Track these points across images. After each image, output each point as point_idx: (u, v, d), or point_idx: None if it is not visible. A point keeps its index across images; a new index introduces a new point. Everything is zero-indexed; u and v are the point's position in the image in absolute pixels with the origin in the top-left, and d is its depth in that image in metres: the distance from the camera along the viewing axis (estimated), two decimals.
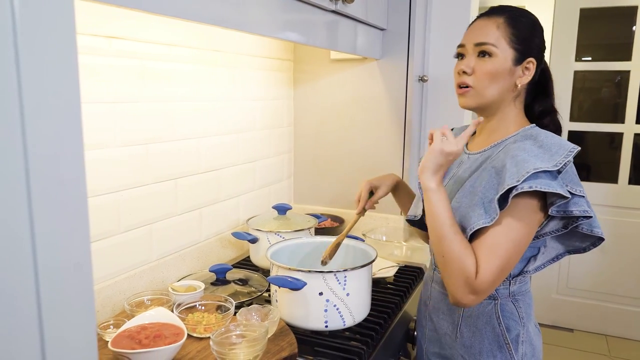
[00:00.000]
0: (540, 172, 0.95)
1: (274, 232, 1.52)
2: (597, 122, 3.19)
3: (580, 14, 3.08)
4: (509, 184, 0.96)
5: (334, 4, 1.37)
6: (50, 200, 0.53)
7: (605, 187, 3.14)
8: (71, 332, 0.57)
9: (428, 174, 1.03)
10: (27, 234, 0.51)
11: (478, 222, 0.99)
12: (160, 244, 1.41)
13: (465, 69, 1.09)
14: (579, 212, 0.99)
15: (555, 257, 1.13)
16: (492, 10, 1.10)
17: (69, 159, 0.55)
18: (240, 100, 1.70)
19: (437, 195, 1.02)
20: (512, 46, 1.06)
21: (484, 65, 1.07)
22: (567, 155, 0.97)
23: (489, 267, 0.97)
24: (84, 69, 1.13)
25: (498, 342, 1.11)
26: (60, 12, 0.53)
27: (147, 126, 1.32)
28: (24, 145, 0.50)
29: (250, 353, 0.98)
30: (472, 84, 1.08)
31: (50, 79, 0.52)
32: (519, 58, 1.07)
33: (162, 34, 1.34)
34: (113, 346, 0.94)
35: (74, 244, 0.56)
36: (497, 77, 1.06)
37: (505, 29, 1.06)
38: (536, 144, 1.01)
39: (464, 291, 0.98)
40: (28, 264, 0.52)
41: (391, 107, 1.86)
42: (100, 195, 1.20)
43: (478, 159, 1.12)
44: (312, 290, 1.13)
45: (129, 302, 1.16)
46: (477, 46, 1.08)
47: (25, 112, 0.50)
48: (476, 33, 1.09)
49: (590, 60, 3.19)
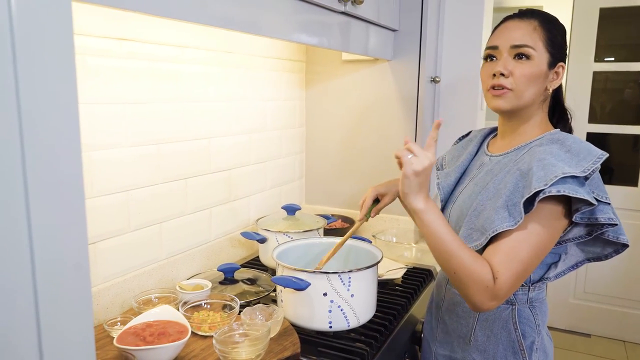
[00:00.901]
0: (567, 177, 0.93)
1: (283, 233, 1.53)
2: (619, 124, 3.13)
3: (600, 13, 3.02)
4: (536, 187, 0.94)
5: (344, 5, 1.37)
6: (47, 200, 0.55)
7: (626, 191, 3.08)
8: (69, 329, 0.59)
9: (411, 197, 0.97)
10: (25, 234, 0.53)
11: (502, 224, 0.97)
12: (170, 242, 1.43)
13: (502, 70, 1.05)
14: (604, 220, 0.97)
15: (575, 264, 1.11)
16: (524, 13, 1.09)
17: (67, 159, 0.56)
18: (252, 101, 1.71)
19: (428, 214, 0.97)
20: (547, 50, 1.05)
21: (523, 67, 1.05)
22: (595, 162, 0.96)
23: (509, 271, 0.95)
24: (95, 70, 1.16)
25: (513, 348, 1.10)
26: (57, 13, 0.54)
27: (159, 127, 1.35)
28: (21, 146, 0.52)
29: (252, 352, 0.99)
30: (511, 86, 1.06)
31: (47, 80, 0.54)
32: (552, 62, 1.06)
33: (173, 35, 1.36)
34: (118, 343, 0.96)
35: (71, 244, 0.58)
36: (535, 80, 1.05)
37: (541, 32, 1.05)
38: (563, 148, 1.00)
39: (484, 298, 0.96)
40: (26, 263, 0.53)
41: (403, 108, 1.86)
42: (111, 194, 1.22)
43: (501, 161, 1.11)
44: (316, 290, 1.13)
45: (137, 300, 1.19)
46: (514, 48, 1.05)
47: (22, 113, 0.51)
48: (511, 35, 1.06)
49: (613, 60, 3.13)
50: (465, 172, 1.22)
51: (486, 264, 0.96)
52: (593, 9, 3.02)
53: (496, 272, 0.95)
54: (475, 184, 1.13)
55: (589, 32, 3.04)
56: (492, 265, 0.96)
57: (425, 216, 0.97)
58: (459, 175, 1.22)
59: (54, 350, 0.56)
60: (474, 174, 1.17)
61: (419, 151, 0.97)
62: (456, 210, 1.15)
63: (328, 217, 1.71)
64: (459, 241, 0.98)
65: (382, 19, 1.66)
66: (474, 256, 0.97)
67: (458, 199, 1.16)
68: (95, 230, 1.19)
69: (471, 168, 1.21)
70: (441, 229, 0.97)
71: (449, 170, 1.23)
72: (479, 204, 1.06)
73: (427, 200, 0.98)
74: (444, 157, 1.33)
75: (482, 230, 1.02)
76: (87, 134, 1.15)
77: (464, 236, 1.07)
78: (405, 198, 0.99)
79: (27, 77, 0.51)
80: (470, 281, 0.95)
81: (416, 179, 0.96)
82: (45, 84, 0.53)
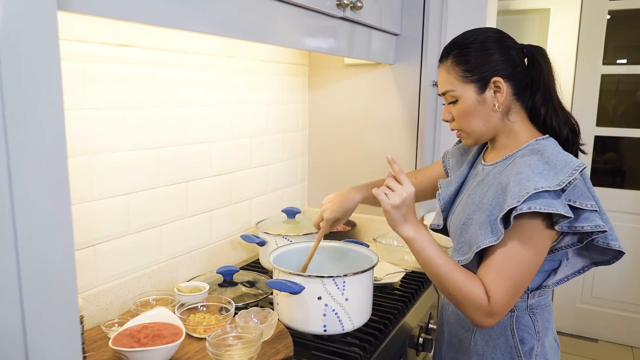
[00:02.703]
0: (541, 192, 0.94)
1: (282, 236, 1.54)
2: (631, 127, 3.09)
3: (610, 15, 2.99)
4: (510, 204, 0.95)
5: (342, 11, 1.38)
6: (33, 203, 0.56)
7: (637, 194, 3.03)
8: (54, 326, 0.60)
9: (398, 229, 1.04)
10: (11, 236, 0.54)
11: (485, 240, 1.00)
12: (171, 245, 1.45)
13: (445, 118, 1.14)
14: (590, 228, 0.97)
15: (582, 269, 1.12)
16: (443, 55, 1.12)
17: (53, 164, 0.58)
18: (254, 105, 1.73)
19: (418, 241, 1.03)
20: (467, 82, 1.06)
21: (456, 109, 1.10)
22: (571, 174, 0.96)
23: (500, 289, 0.98)
24: (96, 76, 1.18)
25: (510, 354, 1.11)
26: (42, 21, 0.56)
27: (159, 131, 1.37)
28: (7, 151, 0.53)
29: (244, 355, 1.00)
30: (458, 127, 1.12)
31: (32, 85, 0.55)
32: (480, 87, 1.06)
33: (174, 41, 1.38)
34: (113, 344, 0.98)
35: (56, 246, 0.59)
36: (472, 113, 1.08)
37: (454, 70, 1.08)
38: (542, 159, 1.00)
39: (481, 317, 0.99)
40: (11, 263, 0.55)
41: (404, 112, 1.86)
42: (112, 198, 1.25)
43: (491, 172, 1.12)
44: (310, 294, 1.14)
45: (135, 302, 1.21)
46: (442, 96, 1.13)
47: (7, 117, 0.53)
48: (439, 84, 1.13)
49: (625, 63, 3.09)
50: (464, 182, 1.23)
51: (479, 284, 0.99)
52: (601, 11, 3.00)
53: (489, 291, 0.98)
54: (469, 195, 1.15)
55: (597, 35, 3.02)
56: (485, 284, 0.99)
57: (415, 244, 1.03)
58: (459, 185, 1.23)
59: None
60: (469, 185, 1.18)
61: (395, 186, 1.03)
62: (454, 221, 1.17)
63: None
64: (452, 263, 1.01)
65: (384, 24, 1.67)
66: (467, 277, 1.00)
67: (456, 210, 1.17)
68: (96, 233, 1.22)
69: (469, 177, 1.22)
70: (433, 254, 1.01)
71: (450, 180, 1.25)
72: (467, 218, 1.08)
73: (416, 227, 1.03)
74: (449, 160, 1.34)
75: (469, 245, 1.04)
76: (88, 139, 1.18)
77: (456, 249, 1.09)
78: (394, 230, 1.05)
79: (12, 83, 0.53)
80: (465, 302, 0.99)
81: (397, 212, 1.02)
82: (31, 90, 0.55)
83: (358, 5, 1.40)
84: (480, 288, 0.98)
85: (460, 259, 1.06)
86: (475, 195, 1.11)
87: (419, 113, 1.84)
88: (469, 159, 1.24)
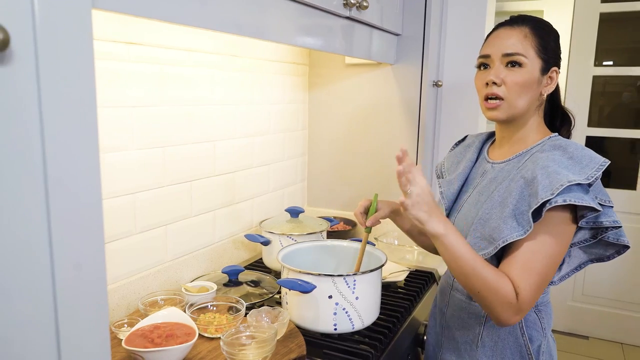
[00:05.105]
0: (572, 185, 0.94)
1: (286, 235, 1.54)
2: (617, 128, 3.15)
3: (600, 18, 3.04)
4: (543, 197, 0.95)
5: (349, 10, 1.39)
6: (66, 205, 0.56)
7: (624, 194, 3.10)
8: (85, 329, 0.60)
9: (427, 225, 0.97)
10: (45, 236, 0.54)
11: (512, 234, 0.98)
12: (175, 245, 1.44)
13: (495, 79, 1.06)
14: (609, 223, 0.99)
15: (579, 266, 1.12)
16: (515, 20, 1.09)
17: (85, 164, 0.58)
18: (256, 104, 1.73)
19: (449, 236, 0.97)
20: (539, 56, 1.05)
21: (515, 75, 1.05)
22: (598, 169, 0.97)
23: (529, 285, 0.96)
24: (103, 74, 1.17)
25: (520, 352, 1.11)
26: (78, 24, 0.56)
27: (165, 130, 1.36)
28: (42, 151, 0.53)
29: (259, 354, 1.00)
30: (503, 95, 1.06)
31: (68, 88, 0.55)
32: (545, 68, 1.07)
33: (179, 39, 1.37)
34: (127, 345, 0.97)
35: (85, 246, 0.59)
36: (528, 87, 1.05)
37: (532, 39, 1.05)
38: (565, 155, 1.01)
39: (509, 314, 0.97)
40: (43, 263, 0.54)
41: (405, 112, 1.87)
42: (117, 197, 1.23)
43: (504, 169, 1.12)
44: (321, 293, 1.14)
45: (143, 302, 1.19)
46: (505, 56, 1.06)
47: (44, 121, 0.52)
48: (503, 43, 1.06)
49: (612, 65, 3.15)
50: (467, 180, 1.22)
51: (508, 280, 0.97)
52: (593, 13, 3.05)
53: (517, 287, 0.96)
54: (480, 192, 1.14)
55: (589, 37, 3.06)
56: (512, 280, 0.97)
57: (446, 240, 0.97)
58: (462, 183, 1.22)
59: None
60: (477, 182, 1.18)
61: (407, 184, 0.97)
62: (461, 219, 1.16)
63: (331, 220, 1.72)
64: (481, 260, 0.98)
65: (385, 24, 1.67)
66: (496, 274, 0.97)
67: (463, 208, 1.17)
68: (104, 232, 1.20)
69: (473, 176, 1.21)
70: (463, 250, 0.97)
71: (450, 179, 1.23)
72: (485, 213, 1.06)
73: (445, 222, 0.98)
74: (443, 164, 1.33)
75: (490, 240, 1.03)
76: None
77: (471, 245, 1.06)
78: (424, 225, 0.97)
79: (49, 88, 0.53)
80: (495, 300, 0.96)
81: (419, 210, 0.96)
82: (66, 94, 0.54)
83: (364, 4, 1.40)
84: (509, 284, 0.96)
85: None
86: (487, 192, 1.11)
87: (419, 113, 1.85)
88: (468, 157, 1.24)
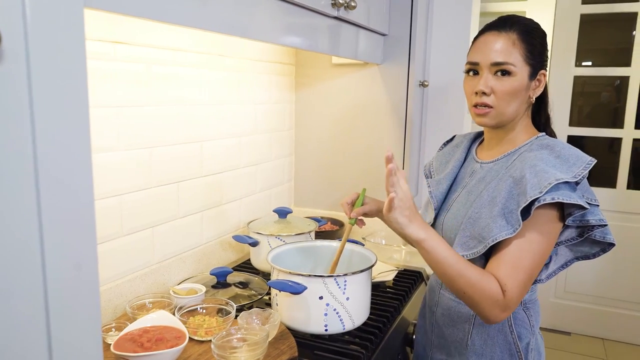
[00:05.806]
0: (560, 183, 0.96)
1: (275, 236, 1.53)
2: (596, 127, 3.21)
3: (581, 19, 3.09)
4: (532, 195, 0.96)
5: (337, 10, 1.38)
6: (57, 204, 0.54)
7: (604, 192, 3.15)
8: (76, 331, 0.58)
9: (407, 230, 0.98)
10: (36, 236, 0.53)
11: (501, 233, 0.99)
12: (163, 246, 1.42)
13: (484, 89, 1.05)
14: (595, 221, 1.00)
15: (565, 263, 1.14)
16: (503, 23, 1.07)
17: (77, 164, 0.56)
18: (242, 104, 1.71)
19: (429, 241, 0.99)
20: (528, 62, 1.05)
21: (504, 85, 1.05)
22: (585, 167, 0.98)
23: (516, 282, 0.97)
24: (89, 73, 1.15)
25: (509, 350, 1.12)
26: (70, 23, 0.54)
27: (151, 130, 1.34)
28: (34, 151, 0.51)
29: (251, 357, 0.99)
30: (493, 104, 1.06)
31: (60, 88, 0.54)
32: (533, 73, 1.07)
33: (166, 39, 1.35)
34: (115, 349, 0.95)
35: (79, 245, 0.57)
36: (517, 94, 1.06)
37: (520, 45, 1.04)
38: (553, 154, 1.02)
39: (496, 312, 0.98)
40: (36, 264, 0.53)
41: (392, 112, 1.88)
42: (104, 199, 1.21)
43: (493, 168, 1.12)
44: (312, 294, 1.14)
45: (131, 305, 1.18)
46: (494, 65, 1.05)
47: (35, 121, 0.51)
48: (491, 50, 1.05)
49: (591, 65, 3.21)
50: (456, 180, 1.23)
51: (493, 278, 0.98)
52: (574, 14, 3.09)
53: (504, 284, 0.97)
54: (469, 192, 1.14)
55: (570, 38, 3.11)
56: (499, 278, 0.98)
57: (426, 244, 0.99)
58: (450, 182, 1.22)
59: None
60: (466, 182, 1.18)
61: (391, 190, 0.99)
62: (451, 218, 1.16)
63: (319, 220, 1.72)
64: (463, 261, 0.99)
65: (372, 24, 1.67)
66: (480, 273, 0.98)
67: (452, 207, 1.17)
68: None
69: (462, 175, 1.22)
70: (444, 253, 0.98)
71: (439, 178, 1.24)
72: (474, 212, 1.07)
73: (425, 227, 1.00)
74: (432, 164, 1.33)
75: (479, 239, 1.04)
76: None
77: (460, 244, 1.08)
78: (402, 233, 1.00)
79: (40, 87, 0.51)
80: (481, 298, 0.97)
81: (399, 215, 0.98)
82: (57, 93, 0.53)
83: (352, 4, 1.40)
84: (494, 282, 0.97)
85: (465, 254, 1.05)
86: (476, 192, 1.11)
87: (406, 113, 1.85)
88: (456, 157, 1.24)
